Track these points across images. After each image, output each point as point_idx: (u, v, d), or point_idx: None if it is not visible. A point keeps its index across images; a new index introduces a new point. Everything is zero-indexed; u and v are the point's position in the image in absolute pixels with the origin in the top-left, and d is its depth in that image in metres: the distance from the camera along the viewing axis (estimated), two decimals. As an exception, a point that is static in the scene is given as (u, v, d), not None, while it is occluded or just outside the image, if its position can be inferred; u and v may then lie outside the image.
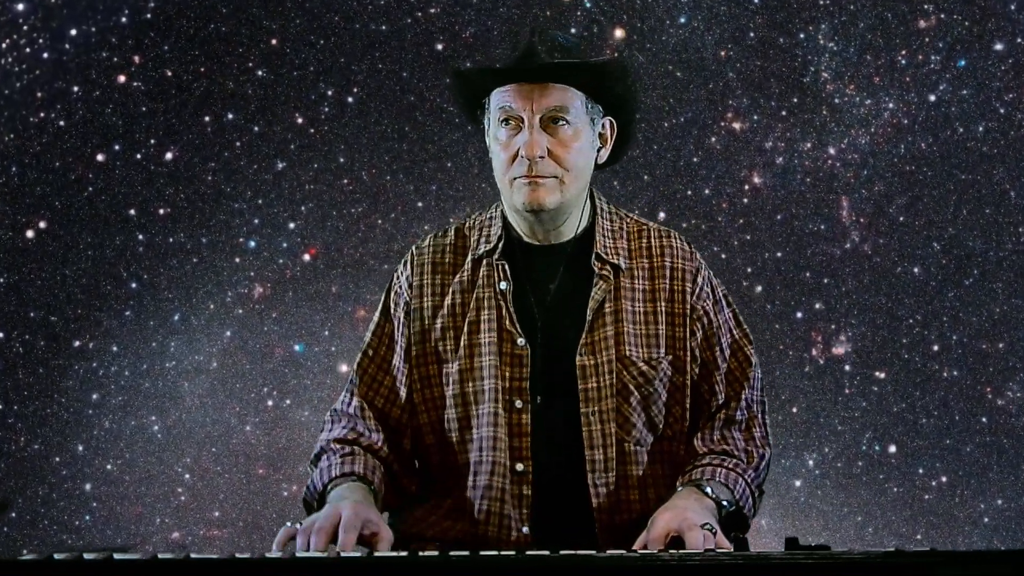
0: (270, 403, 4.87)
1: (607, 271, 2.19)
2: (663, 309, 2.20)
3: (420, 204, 4.92)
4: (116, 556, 1.53)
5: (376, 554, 1.69)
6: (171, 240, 4.85)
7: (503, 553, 1.58)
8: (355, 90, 4.92)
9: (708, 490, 2.06)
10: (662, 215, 4.71)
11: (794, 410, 4.83)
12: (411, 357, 2.20)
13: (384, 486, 2.10)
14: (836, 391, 4.87)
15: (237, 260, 4.85)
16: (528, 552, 1.59)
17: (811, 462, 4.84)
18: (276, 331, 4.88)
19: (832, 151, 4.93)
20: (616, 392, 2.14)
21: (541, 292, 2.20)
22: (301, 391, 4.90)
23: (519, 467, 2.15)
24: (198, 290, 4.87)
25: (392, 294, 2.28)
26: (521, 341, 2.16)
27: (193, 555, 1.54)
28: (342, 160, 4.90)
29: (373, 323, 2.29)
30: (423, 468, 2.22)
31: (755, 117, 4.92)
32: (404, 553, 1.63)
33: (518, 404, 2.15)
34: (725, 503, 2.06)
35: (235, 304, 4.88)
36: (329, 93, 4.92)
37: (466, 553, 1.57)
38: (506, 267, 2.21)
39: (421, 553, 1.59)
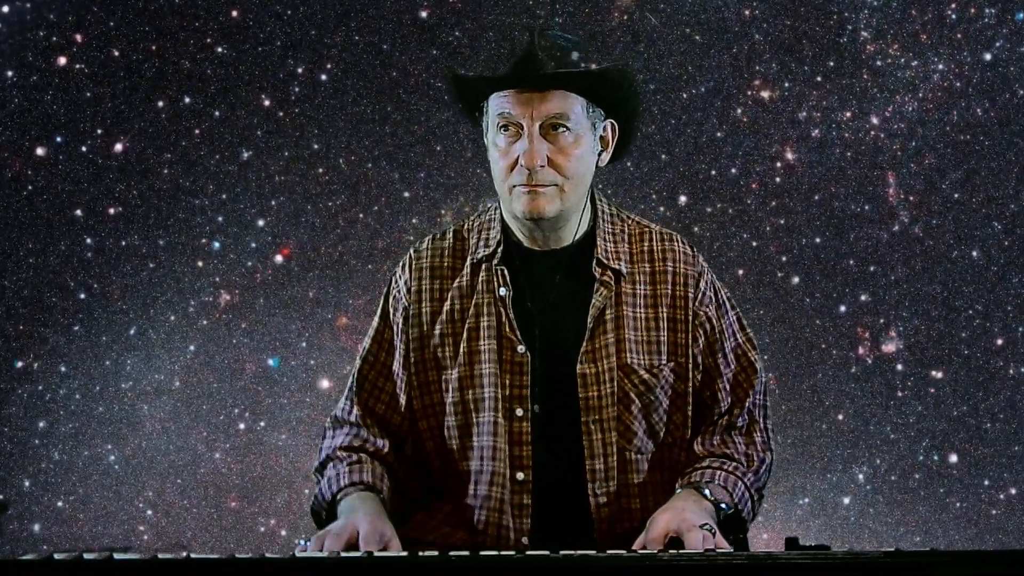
0: (242, 426, 4.67)
1: (608, 277, 2.33)
2: (665, 315, 2.34)
3: (407, 194, 4.73)
4: (116, 556, 1.63)
5: (376, 554, 1.80)
6: (124, 243, 4.66)
7: (503, 553, 1.70)
8: (329, 66, 4.74)
9: (707, 492, 2.19)
10: (683, 199, 4.64)
11: (840, 417, 4.66)
12: (410, 363, 2.35)
13: (391, 493, 2.26)
14: (887, 394, 4.67)
15: (200, 264, 4.67)
16: (528, 552, 1.72)
17: (861, 476, 4.65)
18: (247, 344, 4.68)
19: (875, 120, 4.71)
20: (617, 400, 2.28)
21: (541, 298, 2.32)
22: (277, 412, 4.71)
23: (519, 476, 2.28)
24: (156, 299, 4.68)
25: (391, 299, 2.42)
26: (521, 348, 2.30)
27: (193, 555, 1.64)
28: (316, 147, 4.71)
29: (372, 328, 2.43)
30: (424, 473, 2.37)
31: (786, 84, 4.72)
32: (404, 553, 1.77)
33: (519, 412, 2.29)
34: (724, 506, 2.20)
35: (199, 314, 4.69)
36: (299, 71, 4.74)
37: (466, 553, 1.70)
38: (506, 273, 2.34)
39: (421, 553, 1.71)
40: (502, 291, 2.31)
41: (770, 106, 4.66)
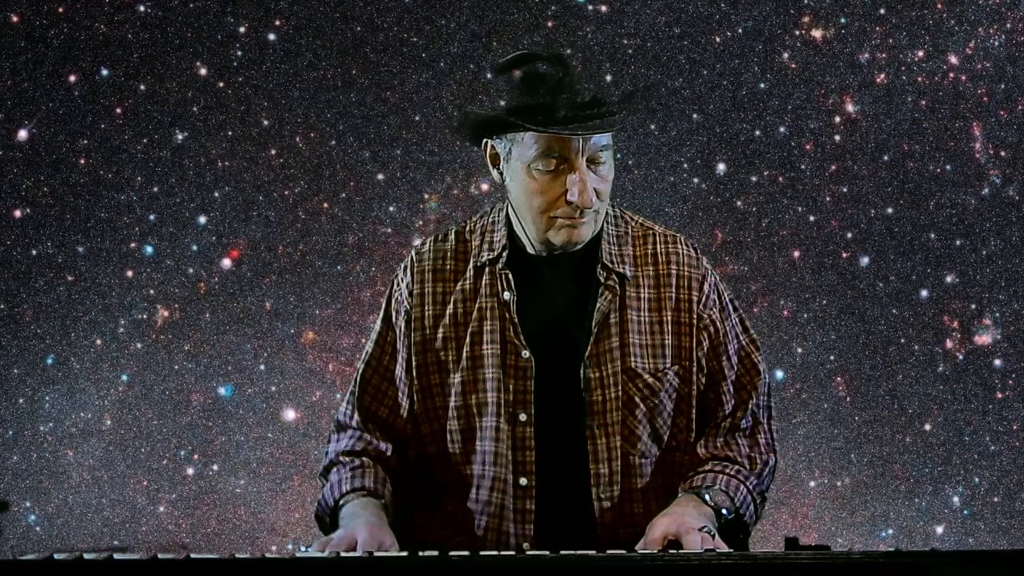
0: (191, 471, 4.39)
1: (613, 280, 2.60)
2: (669, 318, 2.62)
3: (381, 177, 4.43)
4: (116, 556, 1.84)
5: (376, 554, 2.04)
6: (33, 252, 4.39)
7: (503, 553, 1.98)
8: (277, 23, 4.44)
9: (707, 497, 2.47)
10: (721, 166, 4.45)
11: (927, 428, 4.40)
12: (412, 367, 2.66)
13: (394, 497, 2.60)
14: (984, 397, 4.37)
15: (130, 274, 4.42)
16: (528, 552, 1.98)
17: (956, 499, 4.37)
18: (192, 370, 4.42)
19: (954, 60, 4.42)
20: (622, 405, 2.56)
21: (545, 302, 2.61)
22: (233, 452, 4.42)
23: (523, 481, 2.56)
24: (78, 320, 4.39)
25: (393, 301, 2.74)
26: (525, 353, 2.57)
27: (193, 555, 1.86)
28: (266, 123, 4.44)
29: (375, 331, 2.74)
30: (427, 476, 2.69)
31: (842, 20, 4.42)
32: (404, 553, 2.02)
33: (522, 417, 2.56)
34: (724, 511, 2.48)
35: (132, 336, 4.40)
36: (242, 30, 4.43)
37: (466, 553, 1.95)
38: (510, 277, 2.62)
39: (421, 553, 1.95)
40: (506, 295, 2.62)
41: (823, 48, 4.42)
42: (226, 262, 4.43)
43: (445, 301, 2.64)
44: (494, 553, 1.95)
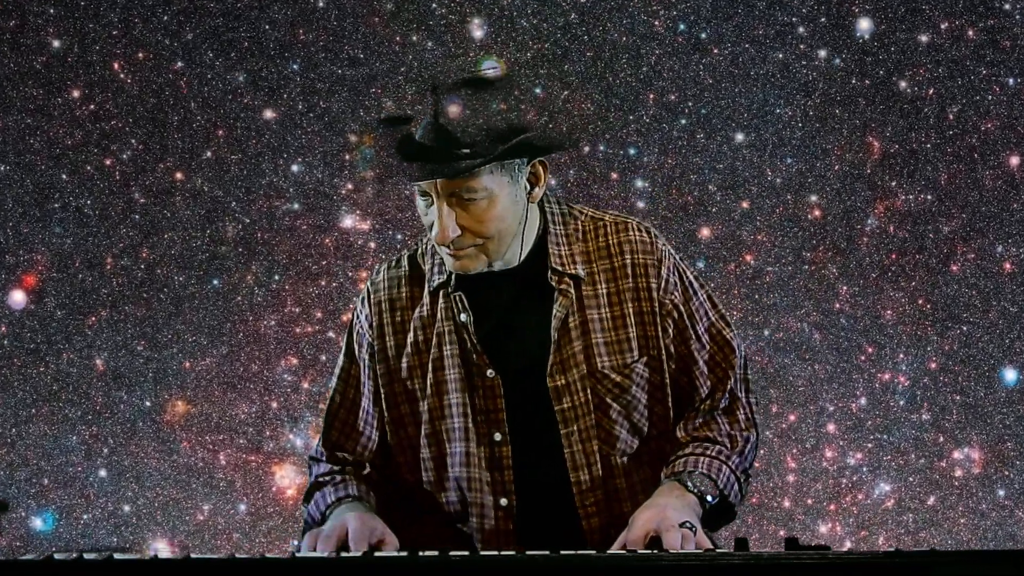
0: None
1: (567, 283, 2.60)
2: (631, 310, 2.60)
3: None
4: (116, 556, 1.85)
5: (376, 554, 2.08)
6: None
7: (503, 553, 1.98)
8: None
9: (690, 484, 2.47)
10: None
11: None
12: (381, 398, 2.69)
13: (379, 505, 2.61)
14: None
15: None
16: (528, 552, 1.97)
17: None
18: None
19: None
20: (594, 408, 2.59)
21: (503, 318, 2.62)
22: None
23: (503, 501, 2.59)
24: None
25: (355, 335, 2.76)
26: (491, 372, 2.59)
27: (193, 555, 1.87)
28: (58, 44, 4.23)
29: (338, 367, 2.77)
30: (408, 503, 2.71)
31: None
32: (404, 553, 2.02)
33: (497, 437, 2.58)
34: (709, 498, 2.48)
35: None
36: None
37: (466, 553, 1.96)
38: (463, 298, 2.62)
39: (421, 553, 1.96)
40: (463, 317, 2.64)
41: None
42: (15, 297, 4.19)
43: (405, 329, 2.67)
44: (494, 553, 1.97)
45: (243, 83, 4.34)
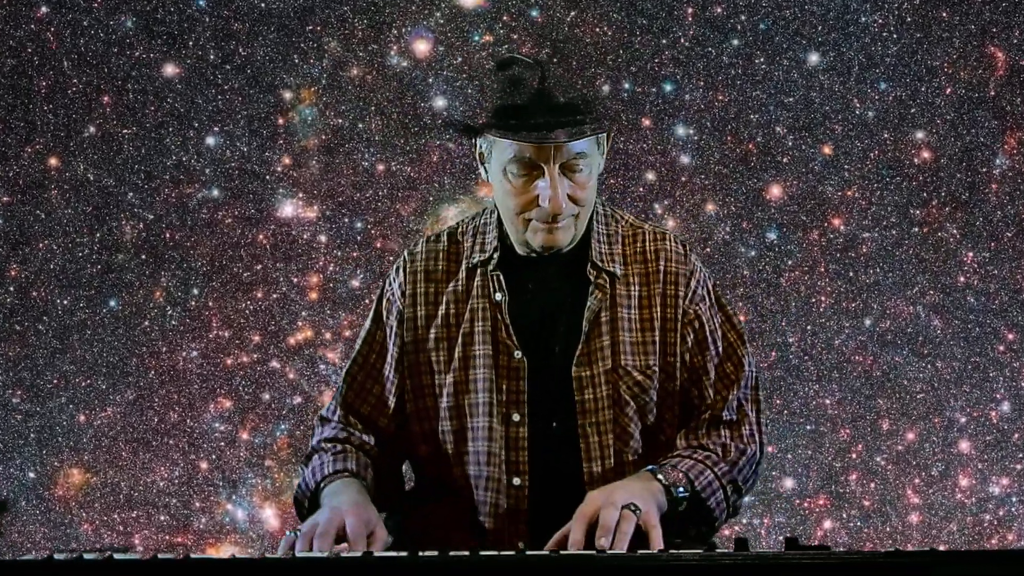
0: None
1: (603, 279, 2.86)
2: (658, 315, 2.86)
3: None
4: (116, 556, 2.02)
5: (376, 554, 2.19)
6: None
7: (503, 553, 2.13)
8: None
9: (660, 476, 2.68)
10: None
11: None
12: (403, 367, 2.96)
13: (375, 483, 2.87)
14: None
15: None
16: (528, 552, 2.15)
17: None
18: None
19: None
20: (613, 403, 2.80)
21: (537, 303, 2.87)
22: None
23: (516, 481, 2.80)
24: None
25: (384, 301, 3.03)
26: (518, 354, 2.83)
27: (193, 555, 2.04)
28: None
29: (364, 330, 3.05)
30: (418, 477, 3.07)
31: None
32: (404, 553, 2.17)
33: (515, 417, 2.78)
34: (680, 490, 2.66)
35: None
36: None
37: (466, 553, 2.13)
38: (502, 278, 2.87)
39: (421, 553, 2.15)
40: (498, 296, 2.89)
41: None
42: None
43: (437, 302, 2.86)
44: (494, 553, 2.10)
45: (132, 29, 4.04)
